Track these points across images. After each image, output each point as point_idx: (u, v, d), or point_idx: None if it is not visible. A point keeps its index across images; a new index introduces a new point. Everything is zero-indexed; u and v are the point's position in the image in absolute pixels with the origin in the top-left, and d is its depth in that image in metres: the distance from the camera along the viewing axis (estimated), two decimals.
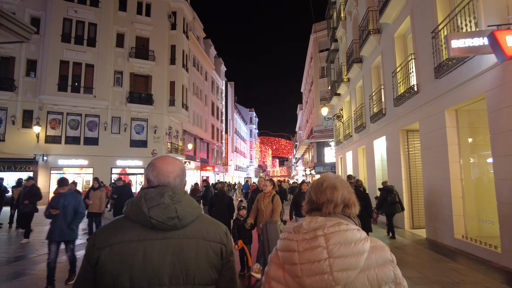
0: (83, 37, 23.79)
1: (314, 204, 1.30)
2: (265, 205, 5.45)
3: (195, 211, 1.36)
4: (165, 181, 1.39)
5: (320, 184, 1.33)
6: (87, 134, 23.90)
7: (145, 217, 1.27)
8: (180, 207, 1.29)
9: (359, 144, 15.74)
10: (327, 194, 1.28)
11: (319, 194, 1.30)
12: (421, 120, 8.62)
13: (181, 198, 1.32)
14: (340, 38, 19.77)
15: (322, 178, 1.40)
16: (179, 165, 1.46)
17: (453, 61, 6.69)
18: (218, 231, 1.40)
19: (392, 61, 10.86)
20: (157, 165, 1.41)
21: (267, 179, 5.98)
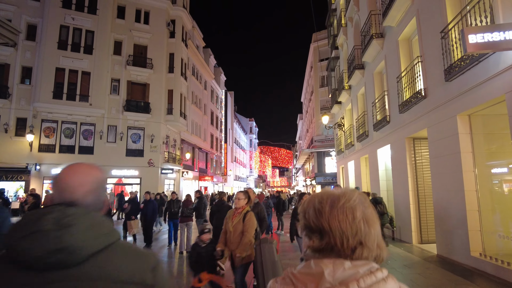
0: (80, 45, 23.42)
1: (328, 238, 0.87)
2: (233, 225, 4.17)
3: (101, 239, 0.96)
4: (70, 197, 1.03)
5: (338, 205, 0.88)
6: (82, 143, 23.32)
7: (14, 252, 0.89)
8: (69, 234, 0.89)
9: (362, 153, 15.14)
10: (356, 224, 0.86)
11: (340, 222, 0.86)
12: (430, 126, 8.04)
13: (74, 221, 0.92)
14: (341, 45, 19.36)
15: (336, 194, 0.92)
16: (94, 175, 1.13)
17: (466, 62, 6.15)
18: (139, 266, 0.98)
19: (396, 65, 10.35)
20: (60, 176, 1.08)
21: (241, 190, 4.79)
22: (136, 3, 26.11)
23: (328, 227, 0.86)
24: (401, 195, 10.08)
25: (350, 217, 0.87)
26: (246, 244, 3.98)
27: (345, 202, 0.88)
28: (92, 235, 0.94)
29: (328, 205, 0.89)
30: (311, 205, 0.93)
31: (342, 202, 0.88)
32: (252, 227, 4.11)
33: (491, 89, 5.72)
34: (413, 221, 9.28)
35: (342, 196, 0.90)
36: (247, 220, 4.14)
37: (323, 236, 0.88)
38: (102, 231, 0.97)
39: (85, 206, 1.04)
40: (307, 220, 0.93)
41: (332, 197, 0.91)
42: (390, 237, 10.87)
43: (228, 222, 4.28)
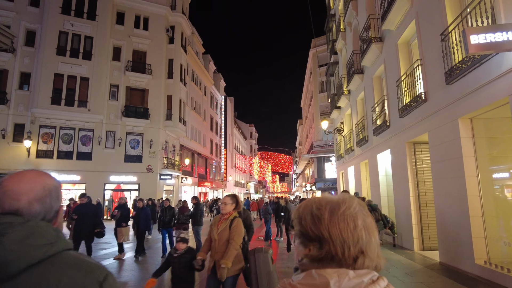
0: (79, 50, 23.41)
1: (328, 247, 0.84)
2: (219, 233, 3.74)
3: (40, 250, 0.86)
4: (10, 206, 0.94)
5: (338, 212, 0.85)
6: (80, 149, 23.18)
7: None
8: (0, 245, 0.82)
9: (362, 158, 14.97)
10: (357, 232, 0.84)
11: (341, 230, 0.83)
12: (431, 130, 7.89)
13: (6, 231, 0.84)
14: (340, 50, 19.30)
15: (335, 201, 0.89)
16: (41, 183, 1.01)
17: (468, 64, 6.02)
18: (84, 280, 0.89)
19: (395, 69, 10.23)
20: (4, 183, 0.98)
21: (229, 194, 4.32)
22: (135, 9, 26.17)
23: (328, 235, 0.82)
24: (402, 201, 9.89)
25: (352, 225, 0.83)
26: (232, 253, 3.62)
27: (346, 209, 0.85)
28: (29, 246, 0.85)
29: (328, 212, 0.84)
30: (308, 211, 0.88)
31: (342, 209, 0.85)
32: (239, 235, 3.75)
33: (494, 92, 5.58)
34: (415, 228, 9.08)
35: (342, 203, 0.86)
36: (234, 227, 3.74)
37: (323, 245, 0.83)
38: (42, 242, 0.88)
39: (30, 215, 0.95)
40: (303, 227, 0.87)
41: (332, 203, 0.87)
42: (391, 244, 10.65)
43: (213, 229, 3.83)
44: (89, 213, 7.30)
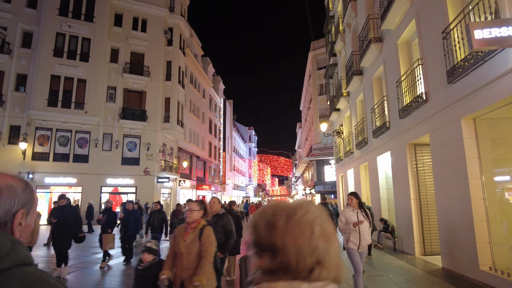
0: (76, 52, 23.23)
1: (281, 257, 0.77)
2: (186, 245, 3.15)
3: None
4: None
5: (294, 218, 0.79)
6: (77, 151, 22.93)
7: None
8: None
9: (361, 161, 14.73)
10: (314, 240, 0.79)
11: (296, 238, 0.78)
12: (432, 131, 7.66)
13: None
14: (339, 52, 19.13)
15: (292, 206, 0.82)
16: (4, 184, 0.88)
17: (471, 61, 5.80)
18: None
19: (395, 70, 10.02)
20: None
21: (195, 200, 3.74)
22: (133, 11, 26.03)
23: (282, 244, 0.76)
24: (403, 204, 9.64)
25: (308, 233, 0.77)
26: (207, 268, 3.10)
27: (303, 215, 0.78)
28: None
29: (283, 219, 0.78)
30: (263, 218, 0.81)
31: (299, 215, 0.78)
32: (212, 246, 3.24)
33: (498, 90, 5.36)
34: (416, 232, 8.82)
35: (299, 208, 0.80)
36: (206, 237, 3.20)
37: (276, 255, 0.77)
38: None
39: None
40: (257, 235, 0.81)
41: (288, 209, 0.80)
42: (391, 248, 10.38)
43: (178, 241, 3.18)
44: (69, 216, 6.59)
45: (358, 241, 5.00)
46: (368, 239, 5.10)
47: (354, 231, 5.04)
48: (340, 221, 5.20)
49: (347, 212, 5.17)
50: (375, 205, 12.62)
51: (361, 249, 5.04)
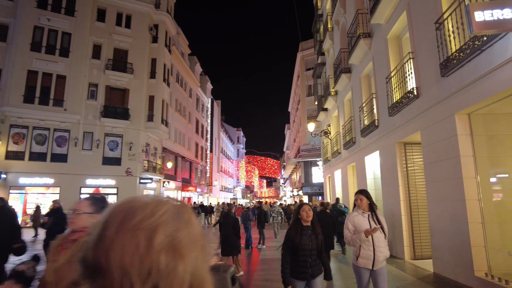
0: (56, 47, 22.26)
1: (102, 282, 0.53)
2: (56, 269, 1.76)
3: None
4: None
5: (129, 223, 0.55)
6: (55, 150, 21.91)
7: None
8: None
9: (349, 161, 14.34)
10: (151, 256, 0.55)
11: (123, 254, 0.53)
12: (424, 128, 7.25)
13: None
14: (327, 50, 18.78)
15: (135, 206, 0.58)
16: None
17: (466, 52, 5.39)
18: None
19: (385, 66, 9.64)
20: None
21: (92, 197, 2.19)
22: (117, 6, 25.17)
23: (106, 262, 0.52)
24: (392, 206, 9.23)
25: (143, 246, 0.52)
26: None
27: (143, 219, 0.55)
28: None
29: (116, 224, 0.55)
30: (97, 224, 0.57)
31: (138, 218, 0.55)
32: None
33: (496, 82, 4.95)
34: (405, 235, 8.41)
35: (141, 209, 0.56)
36: None
37: (96, 278, 0.53)
38: None
39: None
40: (84, 249, 0.56)
41: (128, 209, 0.57)
42: None
43: (48, 266, 1.86)
44: (4, 221, 5.16)
45: (372, 255, 3.78)
46: (385, 251, 3.87)
47: (366, 242, 3.81)
48: (347, 229, 4.00)
49: (356, 217, 3.97)
50: None
51: (377, 265, 3.80)
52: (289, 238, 3.75)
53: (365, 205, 3.99)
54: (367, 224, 3.87)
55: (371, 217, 3.95)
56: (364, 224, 3.87)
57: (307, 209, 3.82)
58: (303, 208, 3.86)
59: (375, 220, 3.93)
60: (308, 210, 3.80)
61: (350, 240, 3.92)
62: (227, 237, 7.18)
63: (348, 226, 4.01)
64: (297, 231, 3.74)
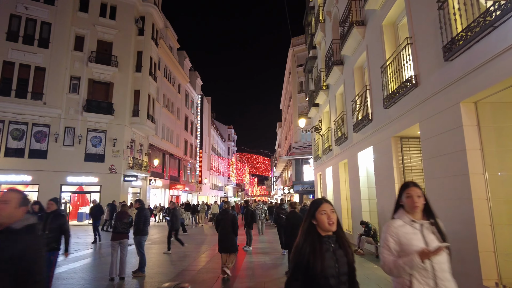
0: (34, 37, 21.20)
1: None
2: None
3: None
4: None
5: None
6: (34, 146, 20.87)
7: None
8: None
9: (340, 158, 13.69)
10: None
11: None
12: (423, 120, 6.58)
13: None
14: (318, 43, 18.08)
15: None
16: None
17: (475, 30, 4.71)
18: None
19: (380, 55, 8.96)
20: None
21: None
22: None
23: None
24: (386, 205, 8.57)
25: None
26: None
27: None
28: None
29: None
30: None
31: None
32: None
33: (509, 64, 4.28)
34: None
35: None
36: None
37: None
38: None
39: None
40: None
41: None
42: (373, 254, 9.33)
43: None
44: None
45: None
46: (452, 286, 2.32)
47: (422, 271, 2.26)
48: (387, 248, 2.40)
49: (401, 228, 2.40)
50: (355, 206, 11.57)
51: None
52: (302, 261, 2.10)
53: (420, 206, 2.42)
54: (421, 240, 2.32)
55: (426, 228, 2.39)
56: (417, 240, 2.32)
57: (328, 210, 2.19)
58: (322, 208, 2.20)
59: (435, 232, 2.40)
60: (331, 211, 2.20)
61: (393, 267, 2.31)
62: (225, 234, 7.21)
63: (389, 243, 2.38)
64: (314, 247, 2.11)
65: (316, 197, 21.49)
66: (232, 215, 7.47)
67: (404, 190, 2.53)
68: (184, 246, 11.73)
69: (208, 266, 8.55)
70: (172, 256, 10.13)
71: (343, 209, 13.59)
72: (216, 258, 9.67)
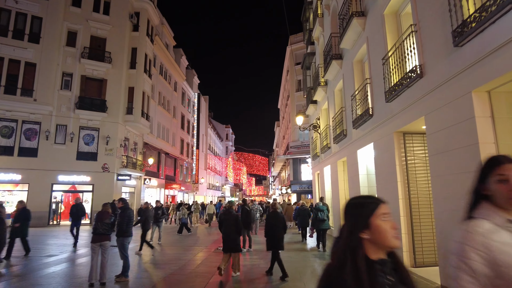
0: (24, 32, 20.59)
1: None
2: None
3: None
4: None
5: None
6: (24, 144, 20.27)
7: None
8: None
9: (339, 156, 13.20)
10: None
11: None
12: (429, 113, 6.09)
13: None
14: (317, 38, 17.59)
15: None
16: None
17: (492, 9, 4.22)
18: None
19: (381, 46, 8.47)
20: None
21: None
22: None
23: None
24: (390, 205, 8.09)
25: None
26: None
27: None
28: None
29: None
30: None
31: None
32: None
33: None
34: (405, 238, 7.26)
35: None
36: None
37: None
38: None
39: None
40: None
41: None
42: None
43: None
44: None
45: None
46: None
47: None
48: (468, 272, 1.31)
49: (494, 236, 1.34)
50: None
51: None
52: None
53: None
54: None
55: None
56: None
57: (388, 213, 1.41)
58: (382, 210, 1.37)
59: None
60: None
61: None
62: (228, 234, 7.16)
63: (471, 263, 1.32)
64: (360, 280, 1.22)
65: (315, 197, 20.96)
66: (236, 215, 7.47)
67: (494, 169, 1.46)
68: (153, 249, 10.90)
69: (198, 270, 8.02)
70: (159, 259, 9.60)
71: (342, 210, 13.07)
72: (207, 261, 9.15)
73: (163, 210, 13.08)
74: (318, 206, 10.92)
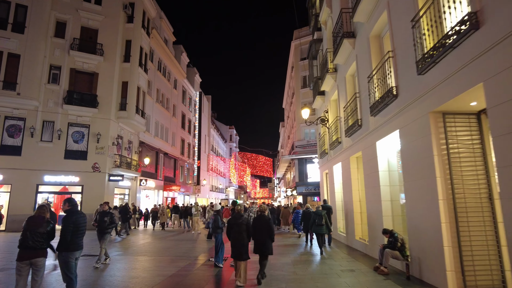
0: (7, 21, 19.15)
1: None
2: None
3: None
4: None
5: None
6: (6, 141, 18.76)
7: None
8: None
9: (352, 151, 11.37)
10: None
11: None
12: (492, 76, 4.27)
13: None
14: (324, 22, 15.81)
15: None
16: None
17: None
18: None
19: (410, 5, 6.66)
20: None
21: None
22: None
23: None
24: (421, 207, 6.25)
25: None
26: None
27: None
28: None
29: None
30: None
31: None
32: None
33: None
34: (448, 251, 5.42)
35: None
36: None
37: None
38: None
39: None
40: None
41: None
42: (402, 273, 6.99)
43: None
44: None
45: None
46: None
47: None
48: None
49: None
50: (373, 209, 9.22)
51: None
52: None
53: None
54: None
55: None
56: None
57: None
58: None
59: None
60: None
61: None
62: (237, 239, 6.67)
63: None
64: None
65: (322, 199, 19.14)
66: (247, 220, 6.95)
67: None
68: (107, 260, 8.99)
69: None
70: (133, 273, 7.84)
71: (356, 213, 11.24)
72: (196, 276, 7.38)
73: (112, 217, 9.14)
74: (317, 211, 10.88)
